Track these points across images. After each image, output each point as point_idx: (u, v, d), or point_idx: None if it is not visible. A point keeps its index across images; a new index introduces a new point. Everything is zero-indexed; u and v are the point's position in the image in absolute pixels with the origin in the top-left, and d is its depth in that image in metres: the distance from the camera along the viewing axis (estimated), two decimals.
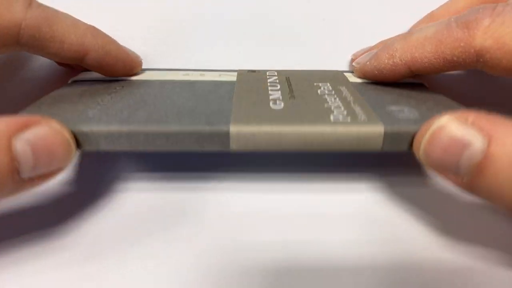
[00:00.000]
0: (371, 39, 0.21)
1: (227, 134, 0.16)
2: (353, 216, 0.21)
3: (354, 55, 0.23)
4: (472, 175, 0.14)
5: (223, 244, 0.20)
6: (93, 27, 0.19)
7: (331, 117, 0.17)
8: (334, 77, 0.21)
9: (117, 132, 0.16)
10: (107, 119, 0.16)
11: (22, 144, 0.14)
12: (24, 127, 0.14)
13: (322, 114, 0.17)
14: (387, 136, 0.16)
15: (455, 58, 0.17)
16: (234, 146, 0.16)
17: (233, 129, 0.16)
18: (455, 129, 0.14)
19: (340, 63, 0.23)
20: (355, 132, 0.16)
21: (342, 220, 0.21)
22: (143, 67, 0.22)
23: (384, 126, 0.16)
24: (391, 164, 0.22)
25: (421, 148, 0.15)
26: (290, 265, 0.20)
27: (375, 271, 0.19)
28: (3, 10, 0.17)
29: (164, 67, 0.23)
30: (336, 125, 0.16)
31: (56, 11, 0.18)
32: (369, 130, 0.16)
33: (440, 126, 0.15)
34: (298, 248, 0.20)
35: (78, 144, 0.16)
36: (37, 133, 0.15)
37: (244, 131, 0.16)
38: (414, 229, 0.21)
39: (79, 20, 0.19)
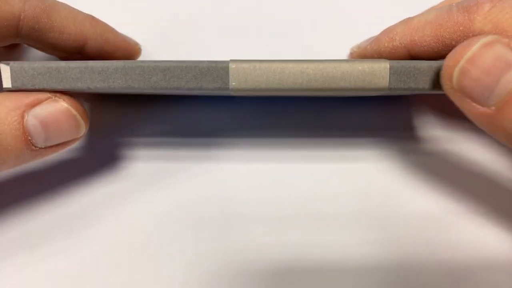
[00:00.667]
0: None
1: (226, 69, 0.16)
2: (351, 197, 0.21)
3: (355, 47, 0.23)
4: (503, 103, 0.14)
5: (222, 244, 0.21)
6: (91, 16, 0.19)
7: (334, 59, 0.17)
8: None
9: (113, 67, 0.16)
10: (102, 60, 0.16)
11: (32, 118, 0.16)
12: (35, 103, 0.16)
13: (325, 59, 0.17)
14: (393, 70, 0.16)
15: (453, 43, 0.17)
16: (233, 82, 0.16)
17: (233, 64, 0.16)
18: (501, 49, 0.14)
19: None
20: (359, 66, 0.16)
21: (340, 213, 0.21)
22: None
23: (390, 63, 0.16)
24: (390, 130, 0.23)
25: (457, 68, 0.14)
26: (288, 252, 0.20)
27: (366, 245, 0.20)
28: (2, 2, 0.17)
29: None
30: (340, 62, 0.16)
31: (54, 1, 0.18)
32: (374, 64, 0.16)
33: (486, 44, 0.14)
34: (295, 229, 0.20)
35: (70, 82, 0.16)
36: (46, 109, 0.16)
37: (244, 66, 0.16)
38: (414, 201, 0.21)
39: (76, 9, 0.19)
